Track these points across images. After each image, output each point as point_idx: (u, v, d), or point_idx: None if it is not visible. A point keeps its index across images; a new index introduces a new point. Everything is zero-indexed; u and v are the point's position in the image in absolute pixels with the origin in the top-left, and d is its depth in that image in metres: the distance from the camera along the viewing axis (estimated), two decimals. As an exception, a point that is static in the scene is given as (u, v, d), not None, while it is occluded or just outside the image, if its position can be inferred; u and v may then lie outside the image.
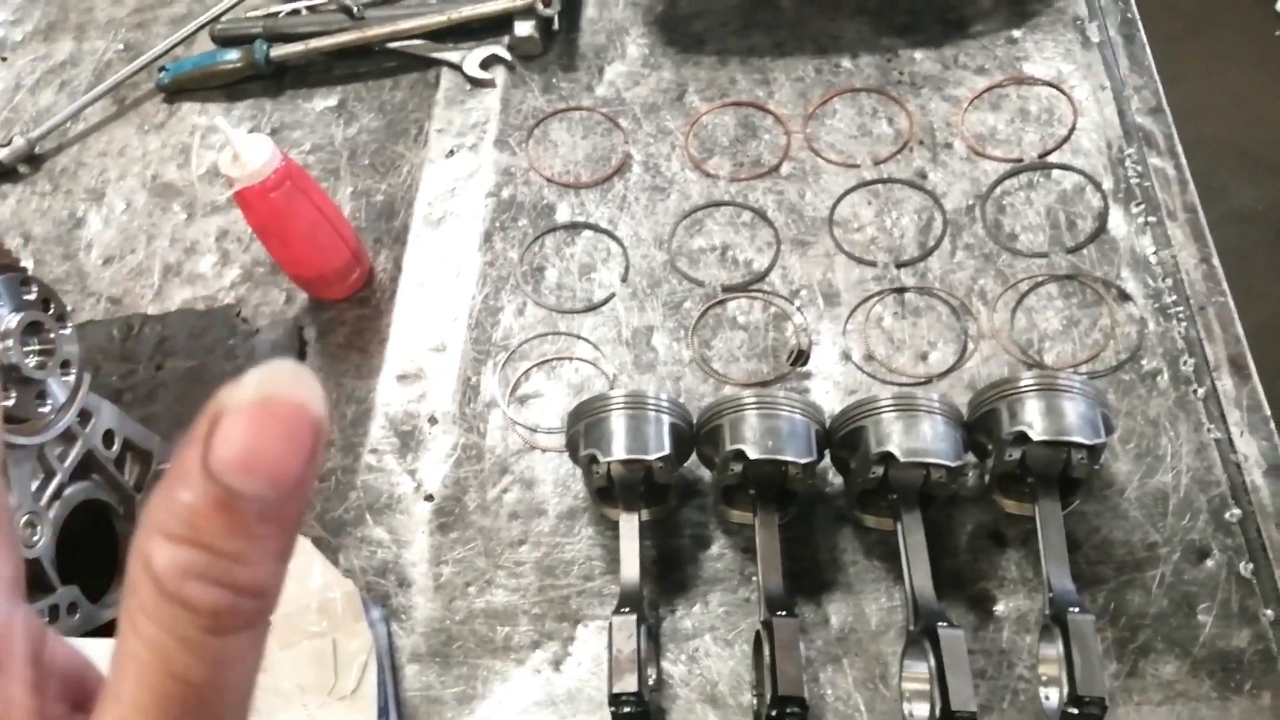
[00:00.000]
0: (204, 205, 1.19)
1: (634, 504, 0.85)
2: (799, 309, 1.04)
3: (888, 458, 0.82)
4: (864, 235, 1.08)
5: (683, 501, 0.92)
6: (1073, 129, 1.11)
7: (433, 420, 0.99)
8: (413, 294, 1.08)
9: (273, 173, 0.94)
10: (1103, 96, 1.14)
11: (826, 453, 0.87)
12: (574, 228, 1.11)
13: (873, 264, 1.06)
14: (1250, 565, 0.84)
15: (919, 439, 0.82)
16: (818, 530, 0.90)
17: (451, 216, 1.13)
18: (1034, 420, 0.81)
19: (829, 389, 0.99)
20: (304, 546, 0.84)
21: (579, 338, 1.04)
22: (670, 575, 0.89)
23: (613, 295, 1.06)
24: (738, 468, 0.84)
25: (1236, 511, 0.87)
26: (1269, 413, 0.91)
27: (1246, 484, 0.88)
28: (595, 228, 1.11)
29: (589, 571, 0.90)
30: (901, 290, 1.04)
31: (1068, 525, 0.83)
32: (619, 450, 0.83)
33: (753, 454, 0.82)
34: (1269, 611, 0.82)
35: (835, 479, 0.91)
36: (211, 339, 1.07)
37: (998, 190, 1.09)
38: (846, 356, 1.00)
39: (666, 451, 0.83)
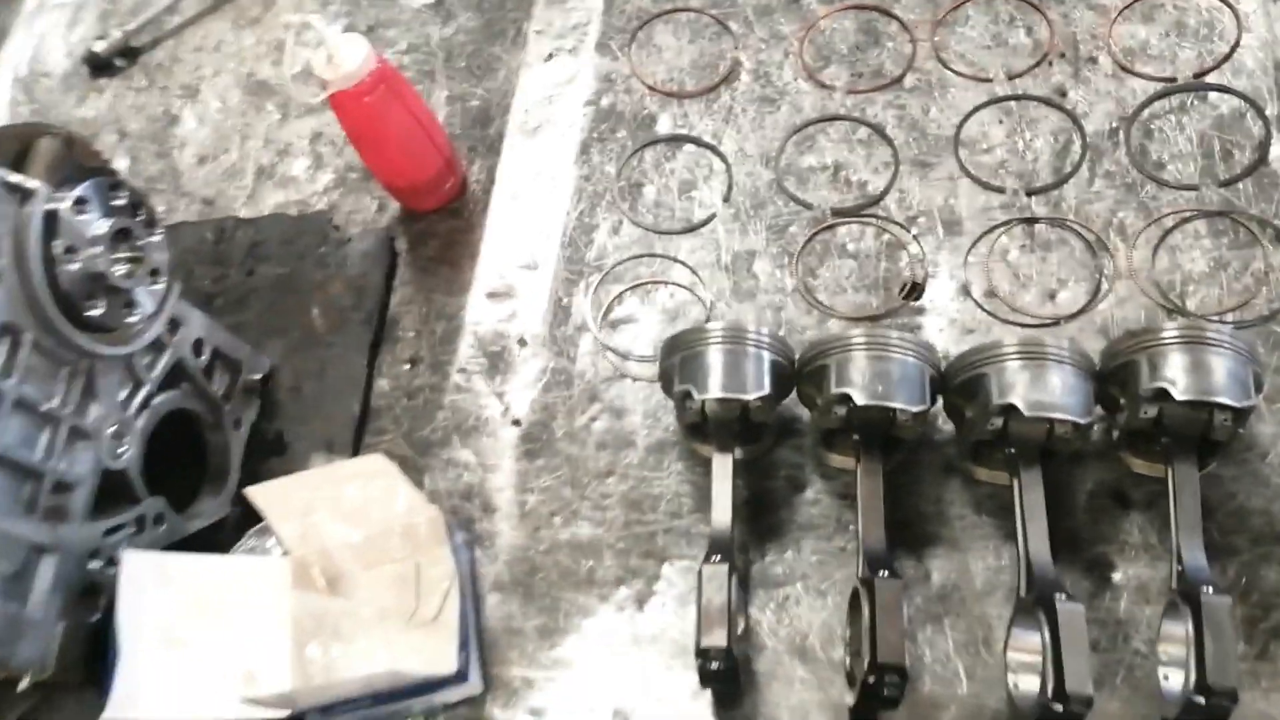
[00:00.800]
0: (298, 106, 1.15)
1: (728, 444, 0.80)
2: (915, 237, 0.96)
3: (1009, 410, 0.75)
4: (993, 158, 0.99)
5: (779, 441, 0.87)
6: (1235, 46, 0.99)
7: (522, 342, 0.95)
8: (505, 207, 1.03)
9: (368, 75, 0.90)
10: (1274, 10, 1.01)
11: (939, 399, 0.81)
12: (675, 141, 1.05)
13: (1000, 190, 0.97)
14: None
15: (1046, 390, 0.75)
16: (923, 479, 0.85)
17: (548, 125, 1.08)
18: (1177, 377, 0.73)
19: (944, 327, 0.91)
20: (388, 469, 0.83)
21: (676, 260, 0.98)
22: (762, 518, 0.84)
23: (713, 216, 1.00)
24: (842, 411, 0.78)
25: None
26: None
27: None
28: (698, 141, 1.04)
29: (677, 508, 0.86)
30: (1031, 221, 0.95)
31: (1202, 490, 0.75)
32: (715, 387, 0.78)
33: (860, 399, 0.76)
34: None
35: (946, 425, 0.85)
36: (303, 245, 1.05)
37: (1145, 113, 0.98)
38: (966, 292, 0.93)
39: (766, 391, 0.78)
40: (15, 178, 0.71)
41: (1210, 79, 0.98)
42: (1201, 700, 0.64)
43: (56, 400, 0.73)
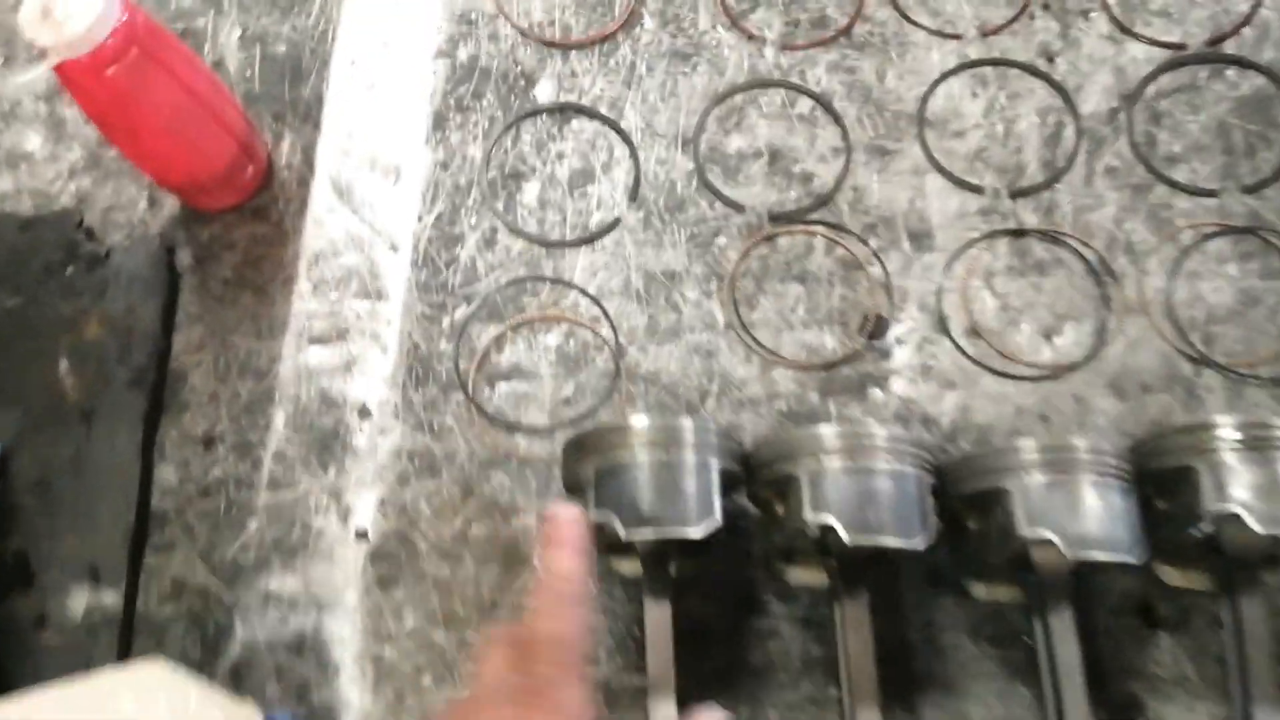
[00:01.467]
0: (27, 47, 0.82)
1: (665, 587, 0.59)
2: (876, 253, 0.75)
3: (1042, 543, 0.57)
4: (967, 144, 0.78)
5: (720, 550, 0.67)
6: (1257, 4, 0.80)
7: (364, 412, 0.70)
8: (330, 205, 0.75)
9: (110, 35, 0.59)
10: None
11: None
12: (562, 112, 0.78)
13: (979, 189, 0.76)
14: None
15: (1087, 520, 0.57)
16: (906, 597, 0.66)
17: (385, 85, 0.79)
18: (1251, 500, 0.56)
19: (916, 377, 0.72)
20: (173, 680, 0.56)
21: (572, 286, 0.74)
22: (704, 659, 0.64)
23: (617, 221, 0.76)
24: (814, 534, 0.58)
25: None
26: None
27: None
28: (592, 113, 0.78)
29: (596, 653, 0.65)
30: (1019, 233, 0.75)
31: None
32: (648, 522, 0.56)
33: (848, 536, 0.56)
34: None
35: (931, 523, 0.66)
36: (42, 262, 0.74)
37: (1150, 89, 0.79)
38: (942, 328, 0.73)
39: (717, 522, 0.57)
40: None
41: (1226, 47, 0.79)
42: None
43: None
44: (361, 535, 0.67)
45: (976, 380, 0.71)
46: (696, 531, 0.56)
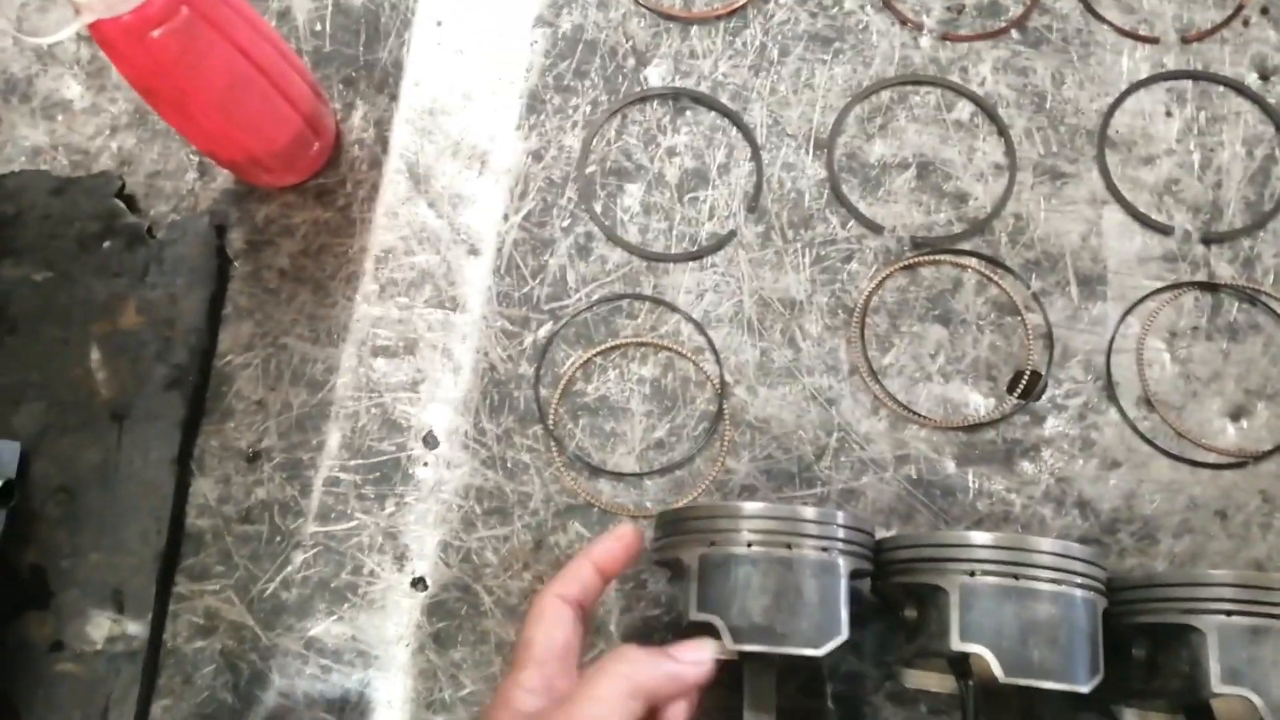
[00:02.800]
0: (69, -26, 0.72)
1: (769, 704, 0.49)
2: (1036, 297, 0.63)
3: (1238, 700, 0.46)
4: (1156, 173, 0.65)
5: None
6: None
7: (430, 440, 0.61)
8: (405, 194, 0.65)
9: (155, -10, 0.49)
10: None
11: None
12: (676, 99, 0.67)
13: (1167, 230, 0.64)
14: None
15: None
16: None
17: (475, 54, 0.68)
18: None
19: (1075, 451, 0.61)
20: None
21: (674, 309, 0.63)
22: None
23: (733, 235, 0.65)
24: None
25: None
26: None
27: None
28: (711, 102, 0.67)
29: None
30: (1212, 287, 0.63)
31: None
32: (756, 634, 0.47)
33: (1003, 674, 0.46)
34: None
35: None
36: (76, 233, 0.65)
37: (1386, 118, 0.65)
38: (1110, 395, 0.61)
39: (844, 637, 0.47)
40: None
41: None
42: None
43: None
44: (419, 584, 0.58)
45: (1147, 462, 0.60)
46: (818, 651, 0.47)
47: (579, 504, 0.60)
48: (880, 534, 0.53)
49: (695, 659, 0.46)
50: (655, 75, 0.68)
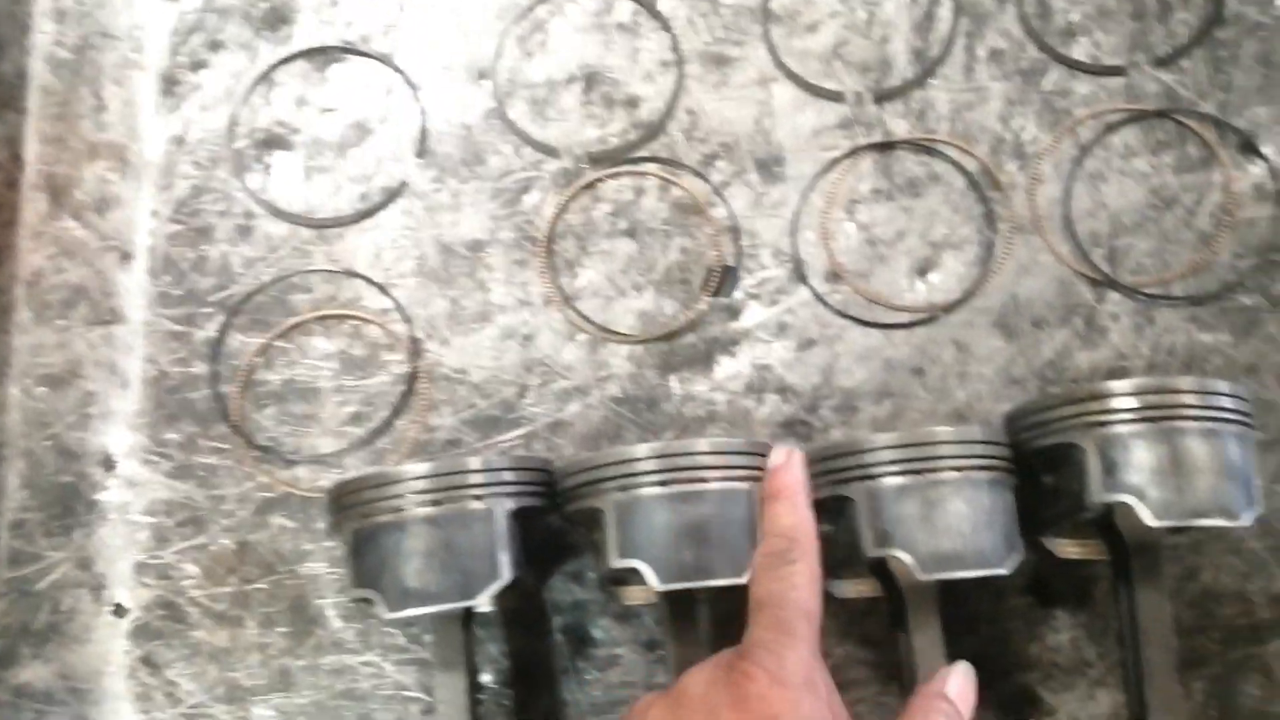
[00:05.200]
0: None
1: (455, 658, 0.49)
2: (718, 190, 0.62)
3: (888, 565, 0.46)
4: (821, 39, 0.64)
5: (543, 576, 0.57)
6: None
7: (107, 463, 0.58)
8: (44, 209, 0.62)
9: None
10: None
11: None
12: (324, 54, 0.64)
13: (838, 96, 0.63)
14: None
15: (948, 534, 0.46)
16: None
17: (99, 48, 0.64)
18: (1146, 486, 0.46)
19: (772, 337, 0.60)
20: None
21: (351, 274, 0.61)
22: (538, 697, 0.55)
23: (403, 186, 0.62)
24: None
25: None
26: None
27: None
28: (361, 51, 0.64)
29: (403, 713, 0.55)
30: (887, 146, 0.62)
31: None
32: (413, 598, 0.46)
33: (655, 580, 0.45)
34: None
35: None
36: None
37: (1042, -60, 0.64)
38: (799, 275, 0.61)
39: (504, 580, 0.46)
40: None
41: (1131, -123, 0.64)
42: None
43: None
44: (118, 611, 0.56)
45: (841, 334, 0.60)
46: (480, 598, 0.46)
47: (277, 496, 0.58)
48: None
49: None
50: (301, 35, 0.64)
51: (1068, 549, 0.54)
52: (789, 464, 0.47)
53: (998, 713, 0.54)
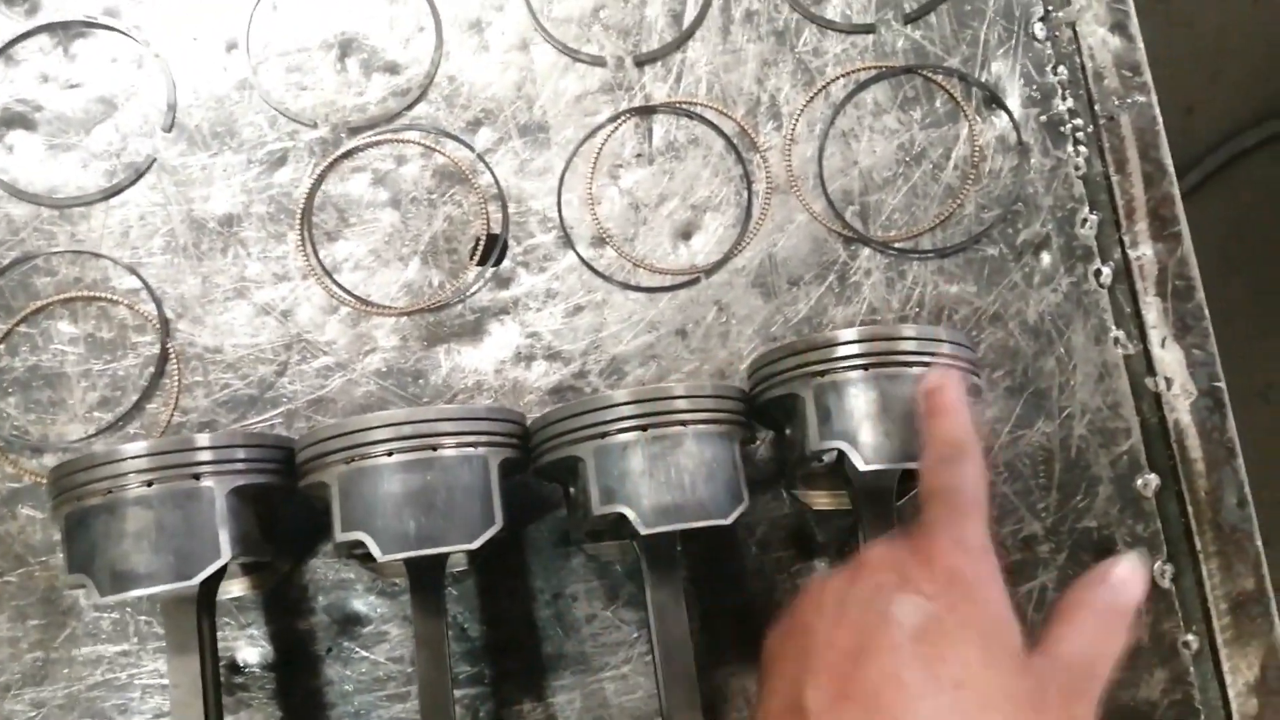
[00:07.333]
0: None
1: (187, 644, 0.48)
2: (482, 158, 0.61)
3: (621, 521, 0.47)
4: (580, 3, 0.64)
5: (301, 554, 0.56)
6: None
7: None
8: None
9: None
10: None
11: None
12: (65, 29, 0.61)
13: (600, 62, 0.63)
14: (1169, 568, 0.57)
15: (673, 488, 0.47)
16: (534, 565, 0.57)
17: None
18: (858, 431, 0.47)
19: (540, 304, 0.60)
20: None
21: (96, 255, 0.59)
22: (300, 679, 0.54)
23: (152, 162, 0.60)
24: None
25: (1152, 478, 0.58)
26: (1204, 304, 0.60)
27: (1169, 428, 0.58)
28: (103, 25, 0.61)
29: (163, 703, 0.54)
30: (647, 110, 0.62)
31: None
32: (126, 579, 0.45)
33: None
34: (1191, 639, 0.56)
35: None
36: None
37: (797, -99, 0.65)
38: (567, 242, 0.61)
39: (225, 559, 0.46)
40: None
41: None
42: None
43: None
44: None
45: (607, 299, 0.60)
46: (197, 582, 0.45)
47: (25, 486, 0.56)
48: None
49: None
50: (46, 8, 0.61)
51: (819, 500, 0.56)
52: (946, 384, 0.46)
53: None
